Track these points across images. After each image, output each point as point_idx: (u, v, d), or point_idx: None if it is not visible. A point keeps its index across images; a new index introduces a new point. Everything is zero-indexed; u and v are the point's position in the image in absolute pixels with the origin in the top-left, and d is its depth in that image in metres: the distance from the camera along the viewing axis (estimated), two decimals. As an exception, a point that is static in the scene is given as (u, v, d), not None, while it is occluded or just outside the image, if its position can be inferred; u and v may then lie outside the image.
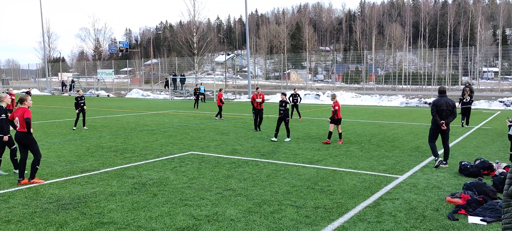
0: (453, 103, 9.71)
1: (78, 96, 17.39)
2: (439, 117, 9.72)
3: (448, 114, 9.72)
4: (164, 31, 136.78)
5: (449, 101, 9.70)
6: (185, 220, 6.19)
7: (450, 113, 9.72)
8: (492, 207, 6.48)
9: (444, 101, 9.68)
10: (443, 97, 9.78)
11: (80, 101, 17.25)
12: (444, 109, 9.67)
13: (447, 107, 9.66)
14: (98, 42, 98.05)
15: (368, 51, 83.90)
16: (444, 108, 9.67)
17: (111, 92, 52.64)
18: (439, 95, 9.98)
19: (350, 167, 9.92)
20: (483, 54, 68.28)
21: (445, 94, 9.88)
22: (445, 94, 9.87)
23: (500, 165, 9.30)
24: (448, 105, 9.66)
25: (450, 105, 9.67)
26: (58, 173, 9.25)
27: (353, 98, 37.40)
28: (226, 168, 9.70)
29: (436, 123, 9.79)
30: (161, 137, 14.89)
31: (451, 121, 9.79)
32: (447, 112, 9.69)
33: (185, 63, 56.61)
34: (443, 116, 9.72)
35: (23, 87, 63.95)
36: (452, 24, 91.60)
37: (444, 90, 9.93)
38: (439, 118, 9.71)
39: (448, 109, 9.66)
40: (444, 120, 9.70)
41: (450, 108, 9.66)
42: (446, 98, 9.75)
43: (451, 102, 9.72)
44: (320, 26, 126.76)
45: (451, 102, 9.72)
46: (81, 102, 17.25)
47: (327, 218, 6.32)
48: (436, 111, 9.75)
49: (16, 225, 6.00)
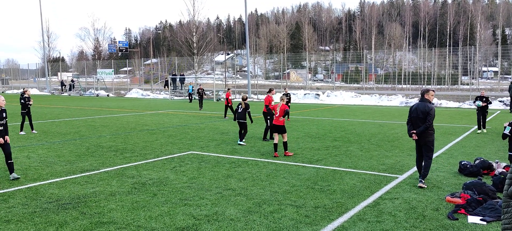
0: (427, 109, 8.07)
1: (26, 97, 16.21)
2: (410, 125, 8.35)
3: (418, 122, 8.18)
4: (164, 30, 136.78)
5: (420, 107, 8.20)
6: (185, 220, 6.19)
7: (420, 121, 8.14)
8: (491, 207, 6.48)
9: (415, 106, 8.30)
10: (418, 102, 8.39)
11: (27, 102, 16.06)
12: (414, 116, 8.24)
13: (417, 114, 8.18)
14: (98, 41, 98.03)
15: (368, 51, 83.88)
16: (414, 115, 8.24)
17: (111, 92, 52.61)
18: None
19: (350, 166, 9.92)
20: (483, 54, 68.28)
21: (424, 97, 8.31)
22: (423, 97, 8.34)
23: (499, 165, 9.31)
24: (419, 112, 8.15)
25: (421, 112, 8.12)
26: (58, 172, 9.25)
27: (353, 98, 37.40)
28: (225, 168, 9.70)
29: None
30: (161, 137, 14.88)
31: (421, 131, 8.11)
32: (416, 120, 8.19)
33: (185, 63, 56.59)
34: (413, 124, 8.27)
35: (23, 87, 63.97)
36: (452, 23, 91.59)
37: (422, 92, 8.41)
38: (410, 127, 8.33)
39: (418, 117, 8.14)
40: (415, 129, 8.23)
41: (420, 116, 8.11)
42: (419, 104, 8.30)
43: (422, 108, 8.14)
44: (319, 26, 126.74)
45: (422, 108, 8.14)
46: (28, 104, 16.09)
47: (327, 218, 6.32)
48: (409, 118, 8.39)
49: (16, 225, 6.00)
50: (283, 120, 11.32)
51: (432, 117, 8.04)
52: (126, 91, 52.63)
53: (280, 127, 11.26)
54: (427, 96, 8.22)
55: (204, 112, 25.73)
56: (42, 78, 68.82)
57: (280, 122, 11.26)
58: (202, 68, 64.11)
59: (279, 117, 11.28)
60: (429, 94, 8.25)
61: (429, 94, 8.25)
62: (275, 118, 11.35)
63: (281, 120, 11.29)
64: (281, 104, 11.33)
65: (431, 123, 8.05)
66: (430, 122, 8.03)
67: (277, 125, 11.30)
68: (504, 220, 4.05)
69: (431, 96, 8.26)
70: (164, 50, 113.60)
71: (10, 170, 8.65)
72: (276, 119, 11.31)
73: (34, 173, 9.20)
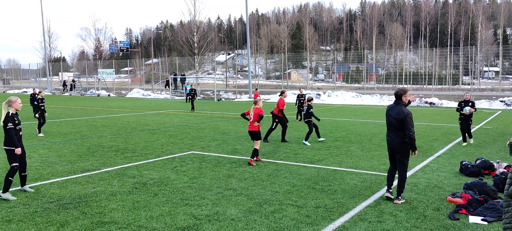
0: (402, 116, 6.79)
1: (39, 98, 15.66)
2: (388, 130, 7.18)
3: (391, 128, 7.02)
4: (165, 30, 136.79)
5: (394, 111, 6.95)
6: (185, 220, 6.20)
7: (393, 128, 6.96)
8: (493, 207, 6.48)
9: (389, 108, 7.11)
10: (393, 105, 7.11)
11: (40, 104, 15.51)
12: (387, 122, 7.11)
13: (389, 119, 7.03)
14: (99, 41, 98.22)
15: (369, 51, 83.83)
16: (387, 120, 7.11)
17: (112, 92, 52.65)
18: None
19: (351, 166, 9.92)
20: (484, 54, 68.23)
21: (400, 100, 7.00)
22: (399, 100, 7.02)
23: (501, 165, 9.30)
24: (392, 117, 6.96)
25: (394, 118, 6.91)
26: (59, 172, 9.26)
27: (354, 98, 37.39)
28: (226, 168, 9.70)
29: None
30: (162, 137, 14.89)
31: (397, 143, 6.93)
32: (389, 124, 7.05)
33: (186, 63, 56.64)
34: (387, 129, 7.18)
35: (24, 87, 64.05)
36: (453, 23, 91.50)
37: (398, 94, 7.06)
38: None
39: (391, 122, 6.97)
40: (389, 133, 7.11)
41: (393, 122, 6.93)
42: (392, 107, 7.06)
43: (396, 113, 6.89)
44: (320, 26, 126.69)
45: (396, 113, 6.89)
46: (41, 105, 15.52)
47: (327, 218, 6.32)
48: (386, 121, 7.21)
49: (17, 224, 6.00)
50: (257, 125, 10.18)
51: (410, 123, 6.76)
52: (127, 91, 52.68)
53: (254, 133, 10.21)
54: (404, 98, 6.96)
55: (204, 112, 25.73)
56: (43, 78, 68.92)
57: (255, 128, 10.16)
58: (203, 68, 64.11)
59: (253, 121, 10.15)
60: (407, 96, 7.00)
61: (407, 96, 7.00)
62: (249, 123, 10.25)
63: (256, 126, 10.17)
64: (255, 108, 10.24)
65: (413, 132, 6.79)
66: (411, 131, 6.75)
67: (251, 130, 10.24)
68: (505, 220, 4.06)
69: (408, 98, 7.04)
70: (165, 50, 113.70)
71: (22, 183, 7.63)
72: (250, 124, 10.20)
73: (35, 173, 9.21)
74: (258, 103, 10.42)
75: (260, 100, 10.54)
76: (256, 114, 10.16)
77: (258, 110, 10.24)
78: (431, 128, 17.81)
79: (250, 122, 10.22)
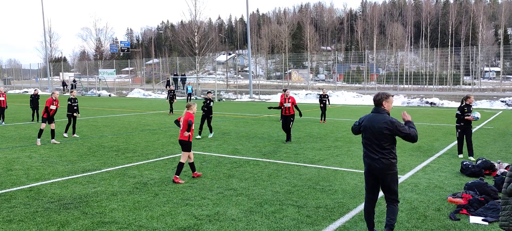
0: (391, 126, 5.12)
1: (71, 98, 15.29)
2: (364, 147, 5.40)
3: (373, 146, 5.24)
4: (166, 31, 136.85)
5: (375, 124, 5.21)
6: (186, 220, 6.20)
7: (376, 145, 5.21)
8: (493, 207, 6.47)
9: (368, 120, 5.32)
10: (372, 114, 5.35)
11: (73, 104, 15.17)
12: (367, 137, 5.31)
13: (371, 133, 5.24)
14: (100, 42, 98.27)
15: (370, 51, 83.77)
16: (367, 135, 5.31)
17: (113, 92, 52.68)
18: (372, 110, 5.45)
19: (352, 166, 9.91)
20: (485, 54, 68.17)
21: (381, 107, 5.32)
22: (379, 107, 5.33)
23: (501, 165, 9.29)
24: (375, 130, 5.20)
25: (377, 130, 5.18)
26: (60, 172, 9.26)
27: (355, 98, 37.38)
28: (227, 168, 9.70)
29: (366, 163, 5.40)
30: (163, 137, 14.89)
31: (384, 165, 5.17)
32: (371, 139, 5.25)
33: (187, 63, 56.63)
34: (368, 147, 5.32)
35: (25, 87, 64.09)
36: (454, 23, 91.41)
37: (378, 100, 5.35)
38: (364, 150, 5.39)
39: (375, 137, 5.22)
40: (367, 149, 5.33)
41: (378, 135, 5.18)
42: (373, 116, 5.31)
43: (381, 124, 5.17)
44: (321, 26, 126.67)
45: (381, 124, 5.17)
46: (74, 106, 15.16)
47: (328, 218, 6.31)
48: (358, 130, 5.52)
49: (17, 224, 6.01)
50: (188, 135, 8.41)
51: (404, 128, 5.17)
52: (128, 92, 52.70)
53: (182, 143, 8.48)
54: (386, 104, 5.31)
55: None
56: (44, 78, 68.96)
57: (184, 137, 8.43)
58: (203, 68, 64.12)
59: (183, 130, 8.48)
60: (389, 102, 5.34)
61: (389, 102, 5.34)
62: (180, 131, 8.61)
63: (186, 135, 8.42)
64: (186, 112, 8.57)
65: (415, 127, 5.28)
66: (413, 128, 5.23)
67: (180, 140, 8.53)
68: (501, 217, 4.09)
69: (390, 106, 5.36)
70: (166, 50, 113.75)
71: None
72: (181, 132, 8.54)
73: (36, 172, 9.21)
74: (191, 107, 8.65)
75: (193, 104, 8.70)
76: (185, 122, 8.45)
77: (188, 116, 8.51)
78: (432, 128, 17.79)
79: (181, 130, 8.56)
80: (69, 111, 15.05)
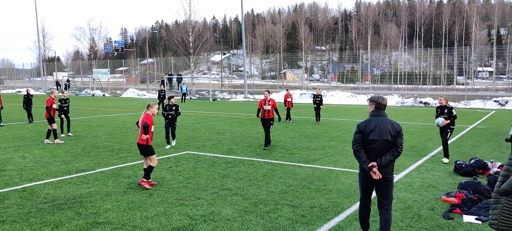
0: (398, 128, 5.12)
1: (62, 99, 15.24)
2: (365, 153, 5.18)
3: (383, 148, 5.07)
4: (160, 30, 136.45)
5: (385, 124, 5.10)
6: (181, 220, 6.18)
7: (386, 146, 5.07)
8: (487, 206, 6.51)
9: (376, 123, 5.15)
10: (377, 117, 5.21)
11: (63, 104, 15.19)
12: (376, 139, 5.10)
13: (380, 135, 5.07)
14: (94, 41, 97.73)
15: (364, 51, 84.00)
16: (377, 136, 5.09)
17: (107, 92, 52.47)
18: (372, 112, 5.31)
19: (346, 166, 9.94)
20: (478, 54, 68.59)
21: (384, 110, 5.27)
22: (382, 110, 5.25)
23: (494, 164, 9.35)
24: (383, 133, 5.08)
25: (385, 132, 5.06)
26: (53, 172, 9.21)
27: (349, 97, 37.47)
28: (222, 168, 9.70)
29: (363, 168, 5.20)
30: (157, 137, 14.85)
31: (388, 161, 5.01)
32: (381, 144, 5.07)
33: (181, 63, 56.51)
34: (373, 151, 5.12)
35: (18, 87, 63.65)
36: (447, 24, 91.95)
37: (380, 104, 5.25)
38: (366, 155, 5.16)
39: (383, 139, 5.06)
40: (376, 159, 5.08)
41: (387, 138, 5.05)
42: (382, 119, 5.16)
43: (390, 126, 5.10)
44: (316, 26, 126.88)
45: (390, 126, 5.10)
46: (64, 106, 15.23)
47: (323, 218, 6.33)
48: (362, 142, 5.23)
49: (10, 225, 5.97)
50: (146, 138, 7.90)
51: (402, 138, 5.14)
52: (122, 91, 52.50)
53: (141, 147, 7.98)
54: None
55: (200, 112, 25.68)
56: (37, 78, 68.52)
57: (142, 141, 7.92)
58: (198, 68, 64.01)
59: (142, 134, 7.91)
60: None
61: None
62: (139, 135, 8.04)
63: (144, 139, 7.90)
64: (145, 113, 8.14)
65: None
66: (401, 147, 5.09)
67: (139, 144, 8.00)
68: (491, 216, 4.14)
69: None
70: (160, 50, 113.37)
71: None
72: (139, 137, 8.00)
73: (29, 173, 9.15)
74: (150, 108, 8.24)
75: (153, 105, 8.33)
76: (141, 124, 7.95)
77: (145, 117, 8.01)
78: (425, 127, 17.89)
79: (140, 134, 8.00)
80: (59, 112, 15.03)
